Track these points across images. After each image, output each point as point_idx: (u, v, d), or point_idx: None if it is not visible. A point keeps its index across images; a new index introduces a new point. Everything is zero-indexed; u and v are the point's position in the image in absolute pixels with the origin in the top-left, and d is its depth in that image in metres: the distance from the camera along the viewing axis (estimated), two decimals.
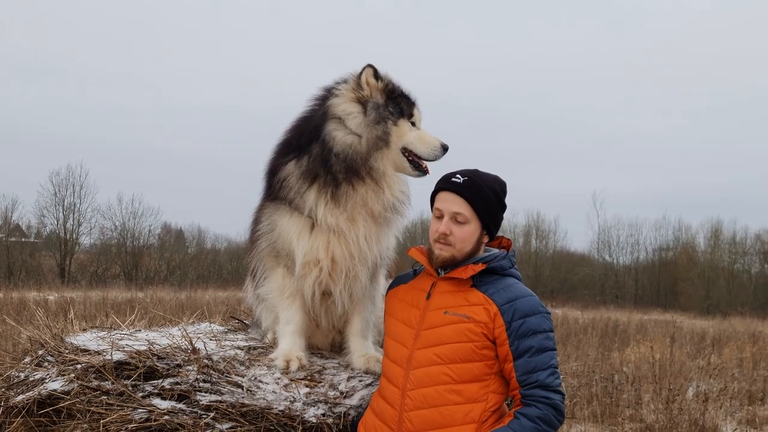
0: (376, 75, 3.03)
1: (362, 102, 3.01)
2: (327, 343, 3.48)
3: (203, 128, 64.35)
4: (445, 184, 2.80)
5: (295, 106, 3.23)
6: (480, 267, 2.72)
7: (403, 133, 3.04)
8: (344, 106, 3.01)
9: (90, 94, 60.86)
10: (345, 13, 76.20)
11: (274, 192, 3.12)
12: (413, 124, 3.10)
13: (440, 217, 2.79)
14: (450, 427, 2.59)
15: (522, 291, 2.72)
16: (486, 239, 2.83)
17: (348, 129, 2.98)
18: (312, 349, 3.39)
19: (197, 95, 68.11)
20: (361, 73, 3.04)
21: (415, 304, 2.81)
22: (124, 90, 60.87)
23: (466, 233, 2.76)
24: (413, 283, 2.92)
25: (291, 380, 2.98)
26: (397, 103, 3.06)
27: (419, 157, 3.07)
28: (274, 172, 3.14)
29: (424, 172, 3.10)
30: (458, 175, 2.79)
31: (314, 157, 2.99)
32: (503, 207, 2.86)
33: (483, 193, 2.76)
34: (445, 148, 3.11)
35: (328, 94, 3.08)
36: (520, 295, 2.69)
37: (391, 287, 3.03)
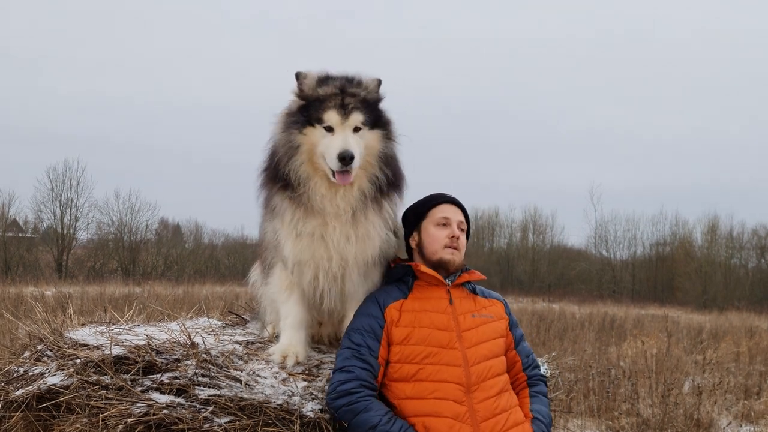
0: (298, 81, 2.90)
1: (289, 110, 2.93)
2: (332, 335, 3.45)
3: (200, 122, 64.16)
4: (447, 198, 3.13)
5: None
6: (478, 273, 3.11)
7: (316, 141, 2.86)
8: (282, 111, 2.96)
9: (89, 86, 60.68)
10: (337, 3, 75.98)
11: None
12: (329, 128, 2.85)
13: (445, 225, 3.04)
14: (509, 411, 2.86)
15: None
16: None
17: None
18: (316, 341, 3.39)
19: (193, 89, 67.85)
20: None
21: (441, 310, 2.94)
22: (116, 81, 60.68)
23: (465, 242, 3.12)
24: (420, 294, 2.99)
25: (289, 374, 2.99)
26: (306, 110, 2.87)
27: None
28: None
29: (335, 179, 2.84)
30: (447, 194, 3.15)
31: (269, 157, 2.98)
32: None
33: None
34: (342, 158, 2.75)
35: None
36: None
37: (385, 304, 2.95)
